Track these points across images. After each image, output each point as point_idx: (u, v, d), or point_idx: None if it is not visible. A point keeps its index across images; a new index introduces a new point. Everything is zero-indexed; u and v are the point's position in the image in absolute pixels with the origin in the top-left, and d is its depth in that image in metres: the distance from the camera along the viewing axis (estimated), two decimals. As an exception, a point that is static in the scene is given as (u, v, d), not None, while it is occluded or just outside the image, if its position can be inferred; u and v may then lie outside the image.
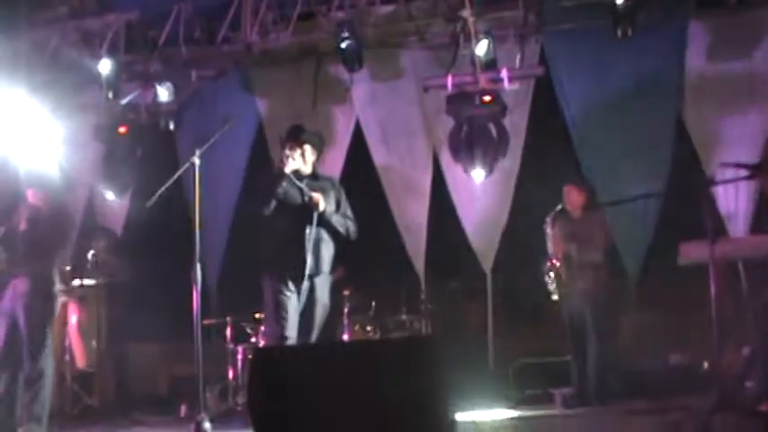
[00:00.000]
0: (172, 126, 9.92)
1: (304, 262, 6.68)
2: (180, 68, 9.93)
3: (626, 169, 9.47)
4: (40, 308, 7.16)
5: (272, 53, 10.03)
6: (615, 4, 8.66)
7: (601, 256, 8.45)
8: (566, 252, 8.44)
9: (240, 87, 10.61)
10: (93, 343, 9.29)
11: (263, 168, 9.17)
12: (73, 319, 9.25)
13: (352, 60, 9.44)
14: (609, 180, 9.43)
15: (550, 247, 8.58)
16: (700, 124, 9.47)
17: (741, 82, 9.27)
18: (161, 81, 9.81)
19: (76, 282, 9.44)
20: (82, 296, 9.36)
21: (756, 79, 9.21)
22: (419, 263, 10.33)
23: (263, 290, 6.87)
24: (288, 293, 6.75)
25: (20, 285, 7.12)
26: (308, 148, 7.04)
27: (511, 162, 9.79)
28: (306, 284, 6.74)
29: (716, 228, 6.74)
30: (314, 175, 7.07)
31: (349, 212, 7.14)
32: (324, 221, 6.83)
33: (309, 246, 6.69)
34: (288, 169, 6.85)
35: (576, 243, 8.42)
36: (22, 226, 7.23)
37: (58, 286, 7.42)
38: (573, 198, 8.62)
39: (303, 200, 6.83)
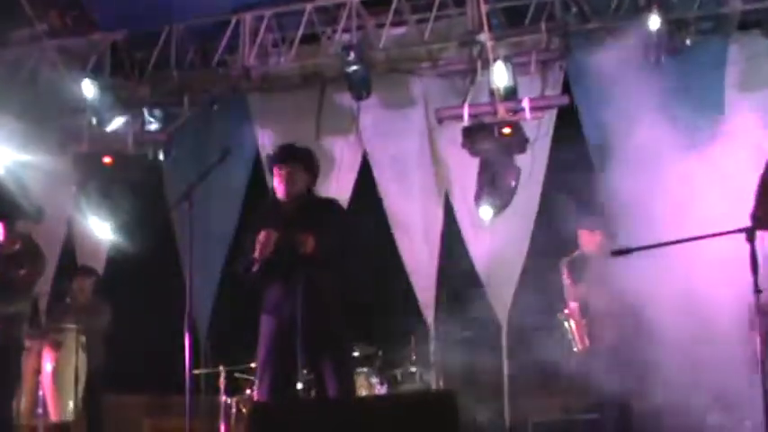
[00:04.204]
0: (161, 157, 9.87)
1: None
2: (171, 94, 9.91)
3: (653, 210, 9.01)
4: (7, 355, 7.10)
5: (272, 78, 10.02)
6: (647, 27, 8.66)
7: (623, 303, 8.16)
8: (582, 300, 8.33)
9: (237, 116, 10.53)
10: (70, 394, 8.99)
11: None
12: (48, 367, 8.95)
13: (360, 87, 9.44)
14: (634, 221, 9.07)
15: (566, 294, 8.46)
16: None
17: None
18: (150, 108, 9.81)
19: (53, 326, 9.26)
20: (58, 342, 9.08)
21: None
22: (429, 310, 10.26)
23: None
24: None
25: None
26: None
27: (529, 199, 9.72)
28: None
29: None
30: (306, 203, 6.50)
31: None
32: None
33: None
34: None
35: (593, 290, 8.28)
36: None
37: (31, 330, 7.40)
38: (585, 241, 8.52)
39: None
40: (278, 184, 6.35)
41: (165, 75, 9.78)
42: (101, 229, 10.04)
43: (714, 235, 6.55)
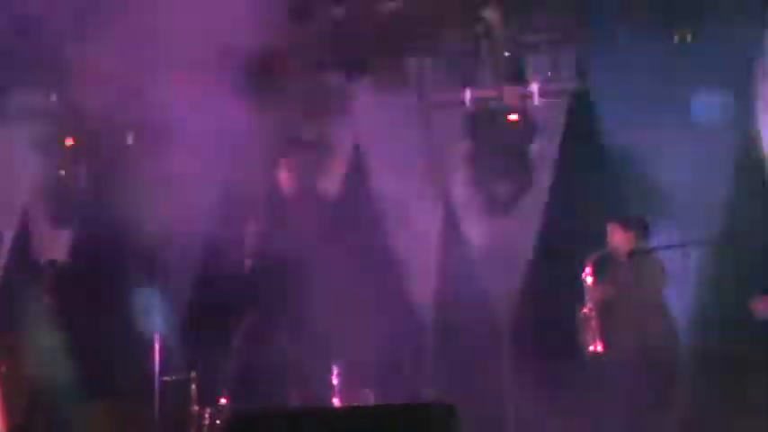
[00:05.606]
0: (130, 141, 9.64)
1: None
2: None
3: (675, 208, 9.00)
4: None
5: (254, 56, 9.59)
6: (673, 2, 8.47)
7: (654, 308, 8.13)
8: (607, 300, 8.15)
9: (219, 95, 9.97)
10: (21, 403, 8.93)
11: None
12: (-5, 373, 8.90)
13: (352, 67, 9.42)
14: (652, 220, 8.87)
15: (588, 296, 8.24)
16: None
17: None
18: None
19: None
20: (9, 346, 9.02)
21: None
22: (426, 312, 9.92)
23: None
24: None
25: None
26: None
27: (535, 195, 9.54)
28: None
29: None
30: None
31: None
32: None
33: None
34: None
35: (621, 292, 8.14)
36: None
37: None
38: (617, 238, 8.29)
39: None
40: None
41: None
42: (62, 222, 9.94)
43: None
